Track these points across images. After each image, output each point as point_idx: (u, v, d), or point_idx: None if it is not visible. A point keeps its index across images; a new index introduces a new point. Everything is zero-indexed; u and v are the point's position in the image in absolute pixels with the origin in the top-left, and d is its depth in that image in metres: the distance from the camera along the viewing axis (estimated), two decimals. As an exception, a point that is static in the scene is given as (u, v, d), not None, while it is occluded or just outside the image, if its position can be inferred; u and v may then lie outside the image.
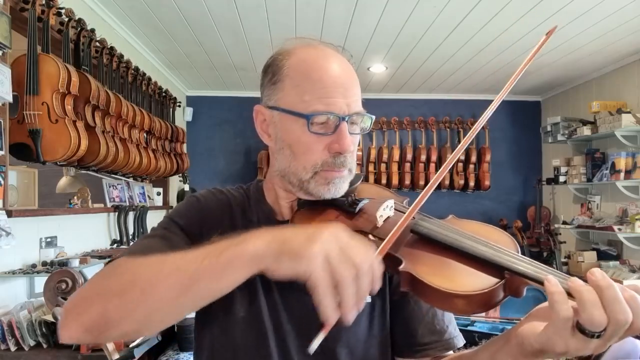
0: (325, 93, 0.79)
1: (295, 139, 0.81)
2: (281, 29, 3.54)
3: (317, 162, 0.81)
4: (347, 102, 0.80)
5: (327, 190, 0.82)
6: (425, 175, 5.45)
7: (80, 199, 3.04)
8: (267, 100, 0.85)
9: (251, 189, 0.96)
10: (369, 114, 0.85)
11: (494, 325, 3.49)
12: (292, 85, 0.81)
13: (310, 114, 0.78)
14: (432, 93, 5.59)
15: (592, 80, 4.80)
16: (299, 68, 0.82)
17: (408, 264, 0.69)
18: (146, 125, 3.41)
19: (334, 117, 0.79)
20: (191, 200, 0.93)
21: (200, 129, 5.49)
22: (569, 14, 3.22)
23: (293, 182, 0.84)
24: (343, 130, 0.79)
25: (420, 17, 3.32)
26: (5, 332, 1.98)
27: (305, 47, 0.85)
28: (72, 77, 2.33)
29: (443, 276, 0.67)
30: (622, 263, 4.15)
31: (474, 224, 0.79)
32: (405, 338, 0.86)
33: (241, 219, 0.91)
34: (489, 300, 0.65)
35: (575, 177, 4.72)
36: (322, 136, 0.80)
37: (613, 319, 0.55)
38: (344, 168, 0.82)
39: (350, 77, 0.83)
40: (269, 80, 0.85)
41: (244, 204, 0.93)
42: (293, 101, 0.80)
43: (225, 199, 0.93)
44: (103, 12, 3.17)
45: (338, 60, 0.83)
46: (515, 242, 0.73)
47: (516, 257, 0.66)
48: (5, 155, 2.06)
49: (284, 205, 0.90)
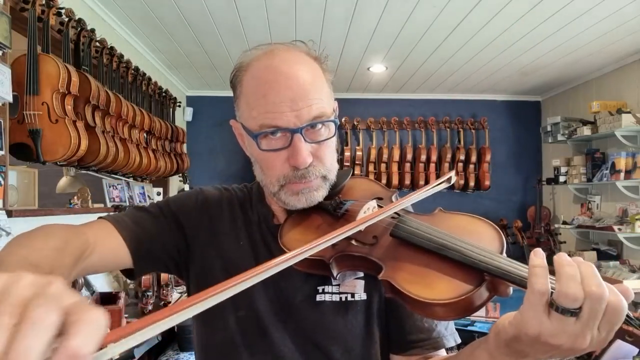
0: (270, 107, 0.76)
1: (257, 154, 0.82)
2: (281, 29, 3.54)
3: (280, 176, 0.80)
4: (297, 114, 0.76)
5: (298, 200, 0.82)
6: (425, 176, 5.45)
7: (80, 199, 3.04)
8: (236, 114, 0.86)
9: (254, 188, 0.98)
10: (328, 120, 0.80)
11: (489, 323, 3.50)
12: (245, 102, 0.81)
13: (257, 132, 0.78)
14: (432, 93, 5.59)
15: (592, 80, 4.80)
16: (249, 84, 0.81)
17: (388, 271, 0.69)
18: (146, 125, 3.41)
19: (283, 132, 0.77)
20: (195, 192, 0.95)
21: (200, 129, 5.49)
22: (569, 14, 3.22)
23: (268, 193, 0.87)
24: (295, 144, 0.77)
25: (420, 17, 3.32)
26: (5, 332, 1.98)
27: (258, 59, 0.82)
28: (72, 77, 2.33)
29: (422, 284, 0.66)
30: (622, 263, 4.15)
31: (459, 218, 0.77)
32: (394, 334, 0.87)
33: (242, 217, 0.93)
34: (470, 305, 0.63)
35: (575, 177, 4.72)
36: (280, 151, 0.79)
37: (588, 292, 0.52)
38: (307, 179, 0.80)
39: (301, 85, 0.77)
40: (235, 95, 0.86)
41: (245, 203, 0.95)
42: (246, 118, 0.81)
43: (228, 196, 0.96)
44: (103, 12, 3.18)
45: (290, 68, 0.78)
46: (502, 234, 0.71)
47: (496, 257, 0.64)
48: (5, 155, 2.06)
49: (278, 209, 0.91)
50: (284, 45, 0.83)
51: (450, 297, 0.62)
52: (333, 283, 0.85)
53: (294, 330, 0.83)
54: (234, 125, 0.88)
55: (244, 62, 0.84)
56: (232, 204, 0.94)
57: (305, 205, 0.82)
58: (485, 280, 0.64)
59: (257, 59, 0.82)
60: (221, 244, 0.90)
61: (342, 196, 0.87)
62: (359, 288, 0.85)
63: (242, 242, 0.90)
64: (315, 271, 0.80)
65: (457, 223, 0.75)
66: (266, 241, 0.90)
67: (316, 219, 0.84)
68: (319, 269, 0.79)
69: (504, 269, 0.61)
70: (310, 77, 0.79)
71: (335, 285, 0.85)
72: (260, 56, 0.82)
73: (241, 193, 0.97)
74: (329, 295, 0.84)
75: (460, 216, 0.78)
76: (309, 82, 0.78)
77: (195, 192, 0.96)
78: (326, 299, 0.84)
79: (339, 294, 0.84)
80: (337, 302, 0.84)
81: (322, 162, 0.82)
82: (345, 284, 0.85)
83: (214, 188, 0.97)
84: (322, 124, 0.80)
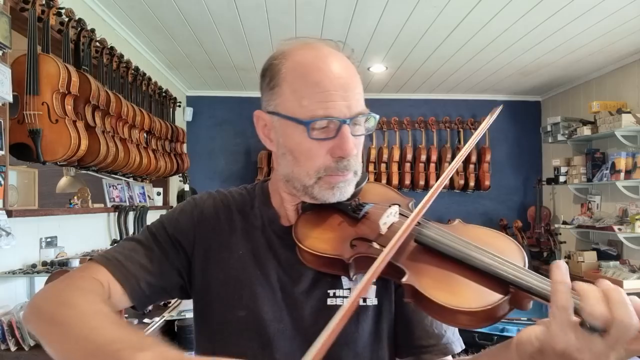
0: (323, 97, 0.76)
1: (296, 145, 0.79)
2: (281, 29, 3.54)
3: (320, 167, 0.79)
4: (348, 104, 0.77)
5: (332, 194, 0.80)
6: (425, 176, 5.45)
7: (80, 199, 3.04)
8: (267, 105, 0.83)
9: (256, 190, 0.94)
10: (373, 114, 0.82)
11: (494, 325, 3.50)
12: (290, 90, 0.78)
13: (309, 120, 0.75)
14: (432, 93, 5.59)
15: (592, 80, 4.80)
16: (296, 72, 0.78)
17: (411, 276, 0.68)
18: (146, 125, 3.41)
19: (334, 121, 0.76)
20: (188, 205, 0.91)
21: (200, 129, 5.49)
22: (569, 14, 3.22)
23: (297, 187, 0.82)
24: (345, 133, 0.77)
25: (420, 17, 3.32)
26: (6, 332, 1.98)
27: (302, 48, 0.81)
28: (72, 77, 2.33)
29: (447, 290, 0.65)
30: (622, 263, 4.15)
31: (480, 230, 0.77)
32: (403, 339, 0.86)
33: (241, 224, 0.89)
34: (493, 315, 0.64)
35: (575, 177, 4.72)
36: (324, 141, 0.77)
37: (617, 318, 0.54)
38: (348, 172, 0.80)
39: (351, 77, 0.79)
40: (267, 85, 0.82)
41: (245, 207, 0.91)
42: (292, 107, 0.78)
43: (225, 203, 0.91)
44: (103, 12, 3.18)
45: (337, 60, 0.80)
46: (522, 250, 0.71)
47: (522, 271, 0.64)
48: (5, 155, 2.06)
49: (290, 208, 0.88)
50: (319, 40, 0.83)
51: (477, 306, 0.63)
52: (344, 287, 0.83)
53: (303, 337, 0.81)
54: (260, 116, 0.85)
55: (283, 52, 0.82)
56: (230, 212, 0.90)
57: (336, 200, 0.81)
58: (510, 292, 0.64)
59: (300, 48, 0.81)
60: (220, 257, 0.87)
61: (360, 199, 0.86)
62: (370, 293, 0.84)
63: (241, 251, 0.86)
64: (330, 270, 0.79)
65: (478, 235, 0.74)
66: (271, 245, 0.87)
67: (335, 219, 0.83)
68: (334, 269, 0.78)
69: (531, 283, 0.62)
70: (354, 71, 0.81)
71: (346, 289, 0.83)
72: (302, 46, 0.81)
73: (240, 197, 0.93)
74: (340, 300, 0.82)
75: (481, 229, 0.77)
76: (354, 74, 0.80)
77: (190, 206, 0.91)
78: (337, 302, 0.82)
79: None
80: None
81: (357, 157, 0.82)
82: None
83: (209, 196, 0.93)
84: (367, 116, 0.81)
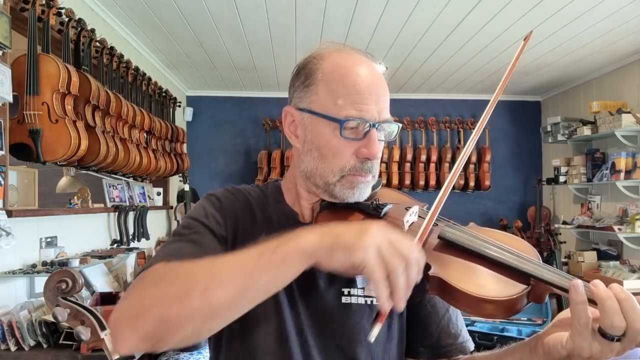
0: (358, 99, 0.80)
1: (325, 142, 0.83)
2: (281, 29, 3.54)
3: (345, 166, 0.82)
4: (379, 109, 0.82)
5: (352, 194, 0.83)
6: (425, 176, 5.45)
7: (80, 199, 3.04)
8: (298, 102, 0.86)
9: (269, 188, 0.96)
10: (397, 122, 0.87)
11: (494, 325, 3.49)
12: (326, 89, 0.83)
13: (343, 119, 0.80)
14: (432, 93, 5.59)
15: (592, 80, 4.80)
16: (333, 72, 0.83)
17: (437, 268, 0.71)
18: (146, 125, 3.41)
19: (365, 123, 0.81)
20: (211, 199, 0.91)
21: (200, 129, 5.49)
22: (569, 14, 3.22)
23: (318, 184, 0.85)
24: (373, 136, 0.81)
25: (420, 17, 3.32)
26: (6, 332, 1.98)
27: (339, 52, 0.87)
28: (72, 77, 2.32)
29: (472, 282, 0.69)
30: (622, 263, 4.15)
31: (495, 233, 0.81)
32: (422, 340, 0.89)
33: (261, 218, 0.90)
34: (514, 306, 0.68)
35: (575, 177, 4.72)
36: (352, 141, 0.81)
37: (631, 325, 0.62)
38: (370, 173, 0.84)
39: (382, 85, 0.85)
40: (302, 83, 0.86)
41: (262, 203, 0.93)
42: (326, 105, 0.82)
43: (243, 198, 0.92)
44: (103, 12, 3.17)
45: (372, 67, 0.85)
46: (536, 250, 0.75)
47: (540, 265, 0.69)
48: (6, 155, 2.06)
49: (305, 206, 0.90)
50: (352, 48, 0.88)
51: (503, 295, 0.67)
52: (358, 286, 0.86)
53: (319, 334, 0.83)
54: (289, 112, 0.88)
55: (319, 54, 0.87)
56: (249, 204, 0.91)
57: (355, 199, 0.84)
58: (531, 284, 0.68)
59: (337, 52, 0.86)
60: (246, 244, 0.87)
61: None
62: None
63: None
64: None
65: (494, 235, 0.79)
66: None
67: (356, 217, 0.86)
68: None
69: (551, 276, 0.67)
70: (384, 80, 0.87)
71: (360, 288, 0.86)
72: (339, 50, 0.87)
73: (255, 193, 0.94)
74: (354, 298, 0.85)
75: (495, 231, 0.82)
76: (384, 83, 0.86)
77: (209, 198, 0.91)
78: (352, 301, 0.85)
79: (365, 297, 0.86)
80: (363, 304, 0.85)
81: (378, 161, 0.86)
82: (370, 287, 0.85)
83: (226, 190, 0.94)
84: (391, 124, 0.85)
